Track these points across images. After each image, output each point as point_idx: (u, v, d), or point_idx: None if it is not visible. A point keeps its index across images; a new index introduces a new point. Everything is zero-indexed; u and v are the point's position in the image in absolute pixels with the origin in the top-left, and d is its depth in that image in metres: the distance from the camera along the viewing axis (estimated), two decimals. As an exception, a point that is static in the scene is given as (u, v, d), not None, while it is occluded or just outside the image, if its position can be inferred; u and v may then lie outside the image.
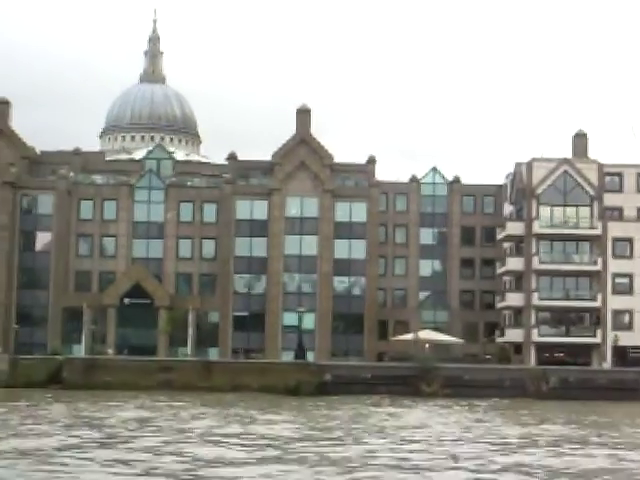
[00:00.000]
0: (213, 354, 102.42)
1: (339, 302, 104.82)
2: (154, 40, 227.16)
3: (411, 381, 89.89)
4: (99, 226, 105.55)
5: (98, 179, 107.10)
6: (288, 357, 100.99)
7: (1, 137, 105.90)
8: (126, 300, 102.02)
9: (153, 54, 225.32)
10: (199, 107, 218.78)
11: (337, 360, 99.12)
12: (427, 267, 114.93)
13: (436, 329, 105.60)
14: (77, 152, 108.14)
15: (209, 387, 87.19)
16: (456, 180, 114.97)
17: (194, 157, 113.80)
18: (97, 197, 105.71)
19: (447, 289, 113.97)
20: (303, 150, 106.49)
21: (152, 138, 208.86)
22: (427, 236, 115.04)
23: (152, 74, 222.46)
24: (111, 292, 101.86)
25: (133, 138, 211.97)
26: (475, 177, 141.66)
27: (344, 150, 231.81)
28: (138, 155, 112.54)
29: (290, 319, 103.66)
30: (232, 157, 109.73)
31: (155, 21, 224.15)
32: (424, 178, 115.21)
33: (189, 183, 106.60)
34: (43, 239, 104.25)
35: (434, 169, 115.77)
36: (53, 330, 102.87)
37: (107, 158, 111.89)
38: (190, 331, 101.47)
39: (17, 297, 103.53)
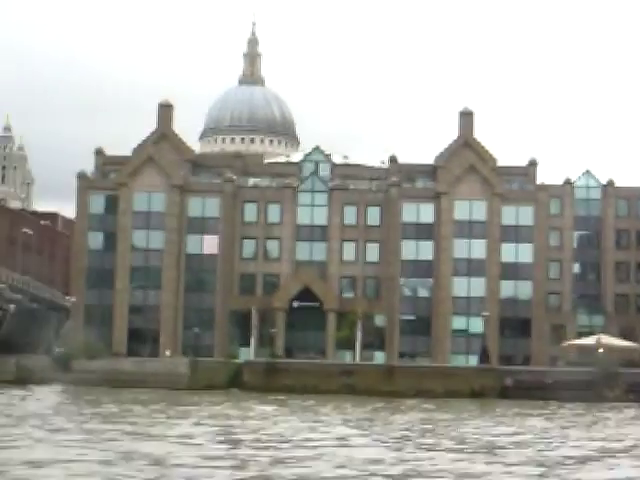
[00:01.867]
0: (379, 358, 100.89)
1: (506, 306, 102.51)
2: (253, 42, 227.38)
3: (593, 386, 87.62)
4: (263, 229, 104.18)
5: (261, 182, 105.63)
6: (457, 361, 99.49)
7: (165, 140, 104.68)
8: (295, 303, 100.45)
9: (252, 56, 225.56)
10: (298, 109, 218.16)
11: (503, 365, 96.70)
12: (581, 271, 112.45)
13: (591, 333, 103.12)
14: (237, 155, 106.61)
15: (392, 392, 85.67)
16: (610, 183, 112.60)
17: (352, 160, 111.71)
18: (261, 200, 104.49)
19: (602, 293, 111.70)
20: (467, 153, 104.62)
21: (252, 140, 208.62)
22: (581, 239, 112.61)
23: (251, 76, 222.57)
24: (280, 295, 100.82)
25: (233, 140, 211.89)
26: (630, 180, 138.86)
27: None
28: (295, 157, 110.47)
29: (459, 323, 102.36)
30: (393, 160, 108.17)
31: (254, 23, 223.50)
32: (578, 181, 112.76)
33: (352, 186, 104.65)
34: (210, 242, 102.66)
35: (588, 172, 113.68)
36: (220, 333, 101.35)
37: (266, 161, 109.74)
38: (358, 334, 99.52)
39: (184, 300, 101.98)
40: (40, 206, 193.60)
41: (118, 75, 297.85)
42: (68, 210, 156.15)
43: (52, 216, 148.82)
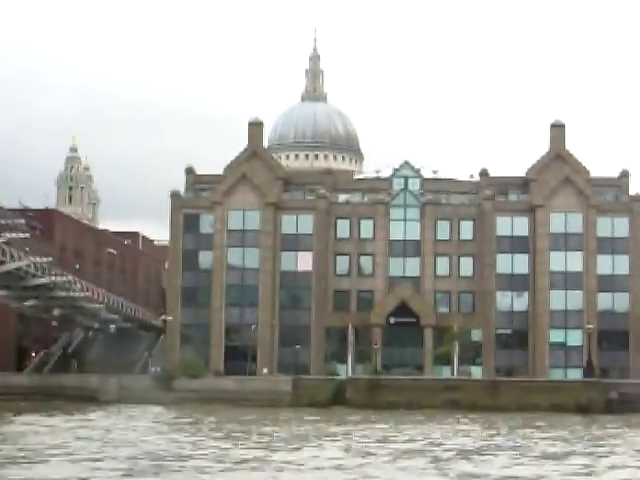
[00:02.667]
0: (476, 373, 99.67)
1: (603, 318, 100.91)
2: (315, 59, 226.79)
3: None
4: (356, 245, 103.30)
5: (352, 198, 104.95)
6: (555, 375, 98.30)
7: (257, 158, 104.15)
8: (392, 319, 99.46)
9: (314, 72, 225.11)
10: (361, 124, 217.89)
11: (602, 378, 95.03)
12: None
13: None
14: (327, 171, 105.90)
15: (496, 406, 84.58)
16: None
17: (441, 174, 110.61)
18: (353, 216, 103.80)
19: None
20: (560, 165, 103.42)
21: (316, 156, 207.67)
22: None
23: (313, 92, 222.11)
24: (377, 311, 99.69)
25: (297, 156, 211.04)
26: None
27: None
28: (385, 173, 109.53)
29: (557, 336, 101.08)
30: (484, 173, 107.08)
31: (315, 40, 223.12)
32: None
33: (444, 200, 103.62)
34: (304, 259, 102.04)
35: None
36: (316, 350, 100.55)
37: (355, 177, 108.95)
38: (456, 350, 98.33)
39: (279, 317, 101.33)
40: (105, 226, 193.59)
41: (179, 94, 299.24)
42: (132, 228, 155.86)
43: (133, 235, 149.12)
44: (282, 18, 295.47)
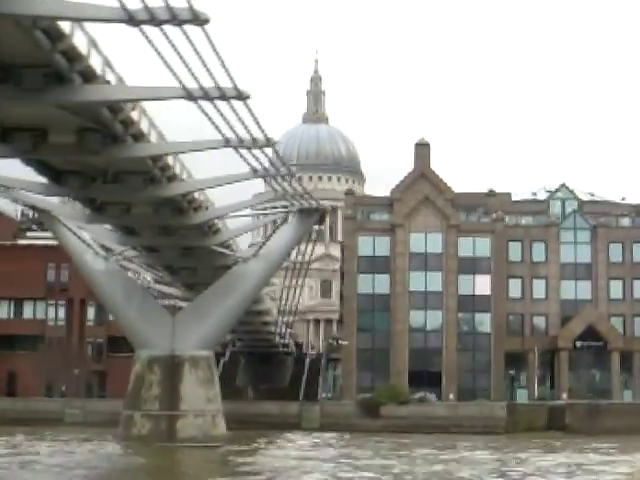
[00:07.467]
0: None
1: None
2: (316, 80, 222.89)
3: None
4: (528, 268, 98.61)
5: (516, 220, 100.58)
6: None
7: (424, 180, 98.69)
8: (578, 343, 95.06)
9: (315, 94, 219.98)
10: (361, 145, 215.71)
11: None
12: None
13: None
14: (490, 194, 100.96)
15: None
16: None
17: (598, 196, 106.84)
18: (525, 239, 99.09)
19: None
20: None
21: (320, 178, 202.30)
22: None
23: (315, 114, 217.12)
24: (565, 335, 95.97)
25: (300, 178, 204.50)
26: None
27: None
28: (541, 195, 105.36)
29: None
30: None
31: (317, 61, 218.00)
32: None
33: (613, 224, 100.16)
34: (481, 282, 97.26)
35: None
36: (496, 375, 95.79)
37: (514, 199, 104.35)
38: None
39: (457, 341, 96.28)
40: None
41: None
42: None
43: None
44: (283, 39, 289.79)
